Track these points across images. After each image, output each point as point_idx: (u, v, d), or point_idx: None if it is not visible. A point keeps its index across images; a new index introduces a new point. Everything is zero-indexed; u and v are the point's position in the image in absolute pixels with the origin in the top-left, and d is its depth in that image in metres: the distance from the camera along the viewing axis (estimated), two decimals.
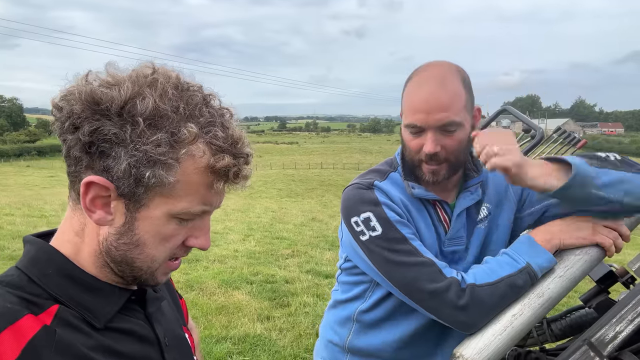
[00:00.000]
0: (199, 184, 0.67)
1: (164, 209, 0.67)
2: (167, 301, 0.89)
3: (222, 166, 0.66)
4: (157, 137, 0.62)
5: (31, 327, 0.60)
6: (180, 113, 0.64)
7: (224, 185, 0.69)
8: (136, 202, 0.66)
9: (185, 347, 0.86)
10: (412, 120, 1.16)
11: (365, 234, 1.16)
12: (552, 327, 1.72)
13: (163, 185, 0.65)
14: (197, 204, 0.68)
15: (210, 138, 0.66)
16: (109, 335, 0.68)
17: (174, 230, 0.69)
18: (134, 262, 0.70)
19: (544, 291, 1.08)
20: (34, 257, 0.69)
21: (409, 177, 1.25)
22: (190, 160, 0.65)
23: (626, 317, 1.11)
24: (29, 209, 11.11)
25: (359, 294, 1.32)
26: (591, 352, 1.10)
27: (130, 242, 0.68)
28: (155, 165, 0.63)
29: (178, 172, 0.65)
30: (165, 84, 0.65)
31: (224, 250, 7.45)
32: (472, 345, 1.04)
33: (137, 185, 0.64)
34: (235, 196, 21.48)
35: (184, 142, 0.64)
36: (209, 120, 0.67)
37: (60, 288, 0.67)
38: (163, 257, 0.71)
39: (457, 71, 1.17)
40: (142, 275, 0.71)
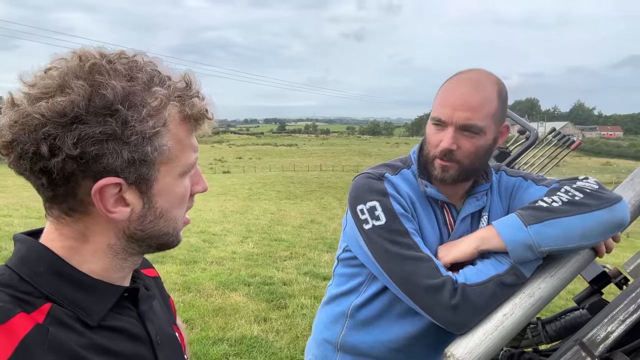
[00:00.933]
0: (185, 136, 0.71)
1: (171, 174, 0.70)
2: (157, 300, 0.88)
3: (196, 111, 0.70)
4: (140, 114, 0.63)
5: (23, 326, 0.59)
6: (142, 83, 0.65)
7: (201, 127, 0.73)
8: (147, 181, 0.68)
9: (176, 345, 0.86)
10: (438, 114, 1.19)
11: (368, 222, 1.18)
12: (547, 329, 1.73)
13: (163, 154, 0.67)
14: (192, 154, 0.72)
15: (173, 91, 0.69)
16: (101, 334, 0.68)
17: (184, 187, 0.73)
18: (162, 231, 0.73)
19: (535, 291, 1.08)
20: (25, 256, 0.68)
21: (422, 175, 1.27)
22: (172, 121, 0.68)
23: (618, 317, 1.12)
24: (27, 210, 11.08)
25: (355, 287, 1.33)
26: (582, 352, 1.10)
27: (155, 217, 0.71)
28: (151, 140, 0.65)
29: (169, 136, 0.68)
30: (106, 64, 0.65)
31: (222, 252, 7.44)
32: (463, 344, 1.04)
33: (142, 165, 0.66)
34: (234, 198, 21.48)
35: (161, 107, 0.66)
36: (160, 78, 0.68)
37: (52, 286, 0.66)
38: (183, 215, 0.75)
39: (495, 82, 1.19)
40: (170, 238, 0.75)
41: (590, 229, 1.07)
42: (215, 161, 76.35)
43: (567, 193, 1.12)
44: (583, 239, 1.07)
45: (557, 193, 1.13)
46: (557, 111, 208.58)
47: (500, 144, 1.28)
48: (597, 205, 1.09)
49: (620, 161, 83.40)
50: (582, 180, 1.19)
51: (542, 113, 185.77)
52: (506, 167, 1.40)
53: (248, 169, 61.84)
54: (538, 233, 1.06)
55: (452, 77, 1.23)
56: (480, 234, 1.14)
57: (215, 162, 75.24)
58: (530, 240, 1.06)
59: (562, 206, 1.09)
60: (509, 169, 1.38)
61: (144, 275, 0.89)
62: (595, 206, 1.09)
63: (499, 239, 1.09)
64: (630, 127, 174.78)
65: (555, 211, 1.08)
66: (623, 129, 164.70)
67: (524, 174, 1.34)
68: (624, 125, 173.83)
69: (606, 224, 1.08)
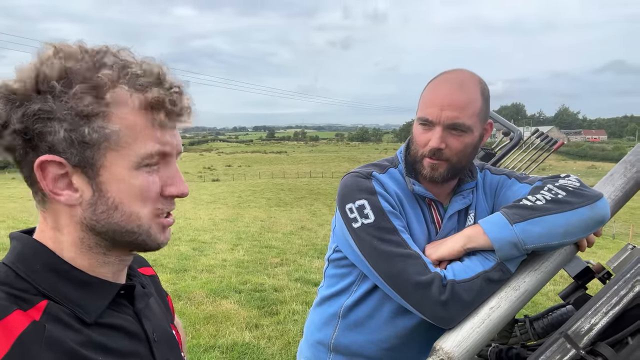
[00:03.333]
0: (141, 125, 0.67)
1: (122, 162, 0.67)
2: (154, 298, 0.89)
3: (152, 99, 0.66)
4: (75, 90, 0.63)
5: (20, 323, 0.59)
6: (90, 65, 0.65)
7: (166, 119, 0.69)
8: (92, 166, 0.66)
9: (173, 343, 0.86)
10: (424, 114, 1.21)
11: (357, 221, 1.19)
12: (535, 326, 1.76)
13: (108, 139, 0.65)
14: (150, 144, 0.68)
15: (130, 78, 0.67)
16: (98, 331, 0.68)
17: (144, 181, 0.69)
18: (122, 227, 0.69)
19: (520, 284, 1.11)
20: (21, 253, 0.69)
21: (410, 174, 1.29)
22: (121, 105, 0.66)
23: (601, 309, 1.14)
24: (14, 222, 10.94)
25: (345, 288, 1.34)
26: (567, 345, 1.12)
27: (108, 208, 0.68)
28: (89, 119, 0.64)
29: (115, 120, 0.65)
30: (69, 48, 0.66)
31: (212, 260, 7.41)
32: (452, 338, 1.06)
33: (83, 147, 0.64)
34: (224, 206, 21.38)
35: (104, 88, 0.65)
36: (122, 64, 0.67)
37: (48, 283, 0.66)
38: (147, 213, 0.70)
39: (478, 81, 1.23)
40: (139, 238, 0.71)
41: (573, 226, 1.10)
42: (205, 169, 75.95)
43: (550, 191, 1.15)
44: (566, 236, 1.10)
45: (541, 191, 1.16)
46: (542, 116, 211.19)
47: (485, 140, 1.31)
48: (580, 202, 1.12)
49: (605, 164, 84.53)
50: (564, 178, 1.22)
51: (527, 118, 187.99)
52: (490, 165, 1.43)
53: (237, 177, 61.61)
54: (523, 231, 1.09)
55: (436, 78, 1.25)
56: (467, 232, 1.17)
57: (205, 170, 74.85)
58: (516, 238, 1.08)
59: (545, 204, 1.12)
60: (493, 168, 1.41)
61: (140, 273, 0.90)
62: (577, 204, 1.12)
63: (485, 237, 1.12)
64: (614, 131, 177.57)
65: (539, 209, 1.11)
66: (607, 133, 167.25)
67: (507, 172, 1.37)
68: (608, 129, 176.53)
69: (588, 220, 1.12)
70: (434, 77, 1.27)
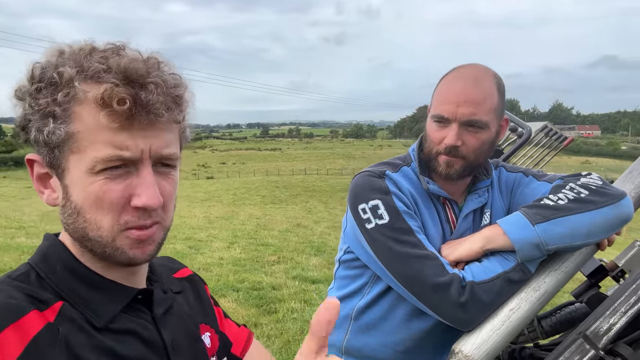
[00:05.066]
0: (98, 126, 0.61)
1: (80, 166, 0.63)
2: (186, 299, 0.85)
3: (102, 95, 0.60)
4: (34, 88, 0.63)
5: (35, 324, 0.59)
6: (55, 64, 0.63)
7: (116, 119, 0.61)
8: (59, 168, 0.65)
9: (198, 350, 0.80)
10: (440, 111, 1.17)
11: (371, 221, 1.15)
12: (543, 324, 1.73)
13: (66, 140, 0.62)
14: (103, 148, 0.62)
15: (90, 74, 0.62)
16: (110, 336, 0.66)
17: (102, 187, 0.63)
18: (86, 234, 0.65)
19: (540, 285, 1.08)
20: (45, 253, 0.69)
21: (424, 172, 1.25)
22: (79, 104, 0.62)
23: (619, 309, 1.12)
24: (7, 221, 10.84)
25: (358, 289, 1.31)
26: (586, 345, 1.10)
27: (72, 212, 0.65)
28: (47, 119, 0.62)
29: (73, 121, 0.62)
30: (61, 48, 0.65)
31: (209, 259, 7.37)
32: (471, 340, 1.04)
33: (50, 148, 0.64)
34: (219, 204, 21.32)
35: (59, 86, 0.62)
36: (89, 60, 0.63)
37: (66, 284, 0.67)
38: (108, 223, 0.64)
39: (493, 76, 1.19)
40: (105, 249, 0.66)
41: (597, 225, 1.07)
42: (199, 167, 75.82)
43: (572, 190, 1.12)
44: (590, 236, 1.07)
45: (563, 190, 1.13)
46: (536, 111, 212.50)
47: (502, 137, 1.28)
48: (603, 202, 1.09)
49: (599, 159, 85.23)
50: (585, 176, 1.19)
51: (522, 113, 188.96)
52: (504, 163, 1.40)
53: (232, 174, 61.52)
54: (545, 231, 1.05)
55: (449, 73, 1.22)
56: (486, 233, 1.13)
57: (199, 167, 74.72)
58: (538, 239, 1.05)
59: (568, 204, 1.09)
60: (508, 165, 1.38)
61: (173, 279, 0.87)
62: (601, 203, 1.09)
63: (505, 238, 1.09)
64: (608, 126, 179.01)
65: (562, 209, 1.08)
66: (600, 128, 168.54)
67: (523, 170, 1.34)
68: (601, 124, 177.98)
69: (613, 220, 1.09)
70: (447, 72, 1.23)
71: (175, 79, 0.67)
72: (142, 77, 0.62)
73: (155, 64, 0.65)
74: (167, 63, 0.67)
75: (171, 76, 0.66)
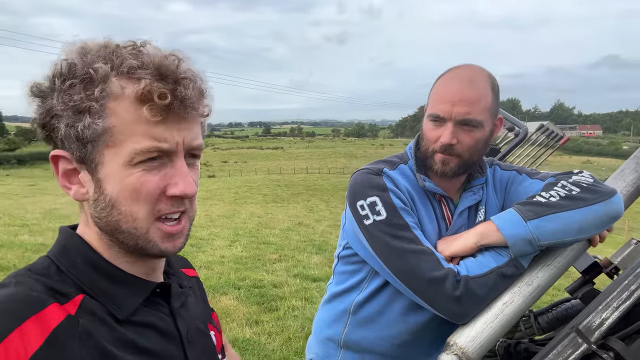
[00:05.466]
0: (135, 120, 0.64)
1: (117, 159, 0.65)
2: (194, 298, 0.88)
3: (141, 91, 0.63)
4: (67, 85, 0.64)
5: (55, 317, 0.60)
6: (88, 59, 0.65)
7: (158, 113, 0.64)
8: (91, 162, 0.66)
9: (208, 344, 0.84)
10: (435, 111, 1.21)
11: (369, 218, 1.18)
12: (539, 320, 1.76)
13: (102, 135, 0.64)
14: (143, 140, 0.64)
15: (125, 70, 0.64)
16: (131, 329, 0.68)
17: (139, 179, 0.66)
18: (120, 226, 0.67)
19: (533, 279, 1.11)
20: (64, 247, 0.70)
21: (420, 170, 1.28)
22: (115, 100, 0.64)
23: (612, 304, 1.15)
24: (10, 218, 10.86)
25: (356, 284, 1.34)
26: (579, 339, 1.13)
27: (106, 205, 0.67)
28: (81, 115, 0.63)
29: (109, 116, 0.64)
30: (87, 44, 0.67)
31: (210, 257, 7.39)
32: (466, 333, 1.06)
33: (82, 143, 0.64)
34: (220, 202, 21.34)
35: (95, 82, 0.63)
36: (121, 57, 0.65)
37: (87, 278, 0.68)
38: (144, 214, 0.67)
39: (488, 76, 1.22)
40: (138, 241, 0.68)
41: (588, 222, 1.10)
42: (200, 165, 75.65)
43: (564, 188, 1.15)
44: (580, 233, 1.10)
45: (554, 188, 1.16)
46: (537, 111, 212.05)
47: (495, 135, 1.31)
48: (594, 199, 1.12)
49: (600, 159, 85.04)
50: (577, 174, 1.21)
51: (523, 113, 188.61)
52: (499, 161, 1.43)
53: (234, 173, 61.51)
54: (537, 228, 1.08)
55: (445, 74, 1.25)
56: (480, 229, 1.16)
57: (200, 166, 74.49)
58: (530, 235, 1.08)
59: (560, 201, 1.12)
60: (503, 163, 1.41)
61: (183, 273, 0.89)
62: (592, 200, 1.11)
63: (499, 234, 1.11)
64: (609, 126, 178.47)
65: (553, 206, 1.10)
66: (602, 128, 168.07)
67: (517, 168, 1.37)
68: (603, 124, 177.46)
69: (603, 217, 1.11)
70: (442, 73, 1.26)
71: (199, 74, 0.70)
72: (174, 73, 0.65)
73: (180, 60, 0.68)
74: (186, 59, 0.70)
75: (195, 72, 0.70)
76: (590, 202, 1.11)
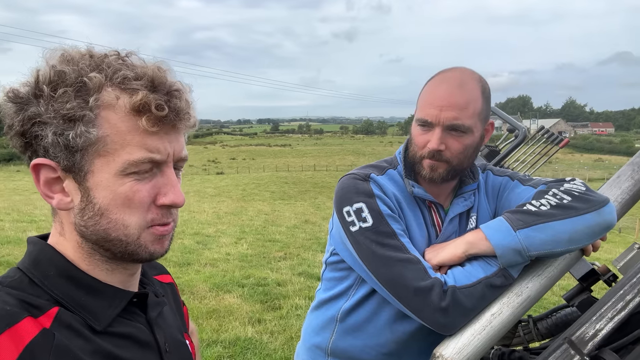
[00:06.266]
0: (129, 130, 0.65)
1: (108, 169, 0.65)
2: (169, 307, 0.87)
3: (138, 102, 0.63)
4: (60, 93, 0.63)
5: (30, 331, 0.59)
6: (80, 68, 0.64)
7: (154, 124, 0.65)
8: (80, 171, 0.65)
9: (185, 353, 0.84)
10: (423, 115, 1.18)
11: (355, 224, 1.16)
12: (538, 326, 1.73)
13: (94, 144, 0.64)
14: (137, 151, 0.65)
15: (119, 81, 0.65)
16: (108, 340, 0.67)
17: (132, 188, 0.66)
18: (109, 234, 0.67)
19: (523, 290, 1.08)
20: (36, 258, 0.69)
21: (409, 175, 1.26)
22: (108, 109, 0.64)
23: (606, 315, 1.12)
24: (19, 214, 10.99)
25: (343, 291, 1.31)
26: (572, 351, 1.10)
27: (94, 214, 0.66)
28: (73, 123, 0.63)
29: (102, 125, 0.64)
30: (71, 52, 0.66)
31: (216, 254, 7.41)
32: (452, 345, 1.04)
33: (71, 152, 0.64)
34: (228, 199, 21.42)
35: (90, 91, 0.63)
36: (115, 68, 0.65)
37: (61, 290, 0.67)
38: (136, 222, 0.68)
39: (478, 80, 1.19)
40: (128, 247, 0.68)
41: (579, 232, 1.07)
42: (209, 162, 76.14)
43: (555, 196, 1.12)
44: (571, 243, 1.07)
45: (545, 196, 1.13)
46: (549, 108, 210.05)
47: (486, 141, 1.28)
48: (586, 208, 1.08)
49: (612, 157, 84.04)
50: (569, 182, 1.18)
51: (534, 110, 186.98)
52: (493, 166, 1.40)
53: (242, 170, 61.71)
54: (527, 237, 1.05)
55: (434, 77, 1.22)
56: (469, 238, 1.14)
57: (209, 163, 75.03)
58: (520, 244, 1.05)
59: (550, 210, 1.09)
60: (496, 168, 1.38)
61: (156, 281, 0.89)
62: (583, 210, 1.08)
63: (487, 244, 1.09)
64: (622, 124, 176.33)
65: (543, 215, 1.08)
66: (614, 126, 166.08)
67: (510, 174, 1.34)
68: (615, 122, 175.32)
69: (595, 227, 1.08)
70: (432, 76, 1.23)
71: (183, 86, 0.71)
72: (166, 85, 0.67)
73: (166, 71, 0.69)
74: (170, 70, 0.70)
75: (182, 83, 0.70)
76: (581, 212, 1.08)
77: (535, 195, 1.16)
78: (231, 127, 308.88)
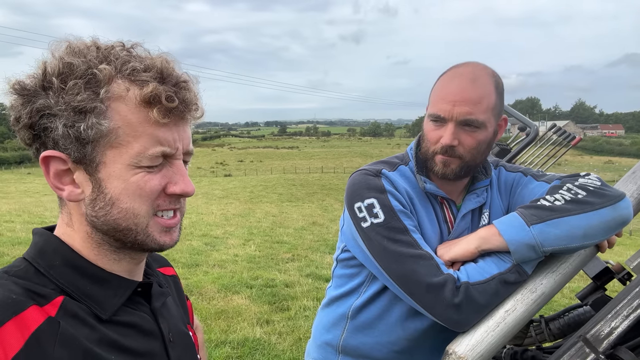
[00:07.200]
0: (141, 122, 0.65)
1: (121, 160, 0.66)
2: (172, 298, 0.88)
3: (149, 93, 0.64)
4: (70, 85, 0.63)
5: (35, 319, 0.60)
6: (90, 60, 0.64)
7: (165, 115, 0.66)
8: (91, 162, 0.65)
9: (189, 344, 0.85)
10: (436, 111, 1.17)
11: (367, 220, 1.15)
12: (551, 326, 1.71)
13: (105, 135, 0.64)
14: (150, 144, 0.66)
15: (129, 73, 0.65)
16: (113, 329, 0.68)
17: (143, 178, 0.67)
18: (119, 224, 0.68)
19: (537, 287, 1.06)
20: (42, 248, 0.69)
21: (421, 171, 1.25)
22: (119, 101, 0.65)
23: (621, 312, 1.10)
24: (30, 216, 11.09)
25: (354, 288, 1.30)
26: (586, 349, 1.08)
27: (105, 204, 0.67)
28: (84, 115, 0.63)
29: (113, 117, 0.64)
30: (78, 44, 0.66)
31: (224, 255, 7.43)
32: (465, 342, 1.03)
33: (82, 144, 0.64)
34: (236, 201, 21.48)
35: (100, 83, 0.63)
36: (123, 59, 0.66)
37: (66, 279, 0.67)
38: (145, 211, 0.69)
39: (492, 75, 1.17)
40: (137, 237, 0.69)
41: (594, 227, 1.05)
42: (217, 164, 76.43)
43: (569, 191, 1.10)
44: (586, 238, 1.05)
45: (560, 191, 1.11)
46: (558, 110, 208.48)
47: (500, 136, 1.26)
48: (601, 203, 1.06)
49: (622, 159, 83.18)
50: (584, 177, 1.16)
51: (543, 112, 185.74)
52: (505, 162, 1.38)
53: (249, 172, 61.86)
54: (541, 233, 1.04)
55: (446, 72, 1.20)
56: (482, 233, 1.12)
57: (217, 165, 75.33)
58: (534, 240, 1.03)
59: (565, 205, 1.07)
60: (508, 165, 1.36)
61: (159, 273, 0.89)
62: (598, 204, 1.06)
63: (500, 239, 1.07)
64: (632, 125, 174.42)
65: (558, 210, 1.06)
66: (625, 127, 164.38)
67: (523, 170, 1.32)
68: (625, 124, 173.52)
69: (610, 222, 1.06)
70: (444, 71, 1.22)
71: (190, 77, 0.71)
72: (175, 77, 0.67)
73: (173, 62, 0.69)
74: (176, 62, 0.71)
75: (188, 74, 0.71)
76: (597, 206, 1.06)
77: (550, 190, 1.14)
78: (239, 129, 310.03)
